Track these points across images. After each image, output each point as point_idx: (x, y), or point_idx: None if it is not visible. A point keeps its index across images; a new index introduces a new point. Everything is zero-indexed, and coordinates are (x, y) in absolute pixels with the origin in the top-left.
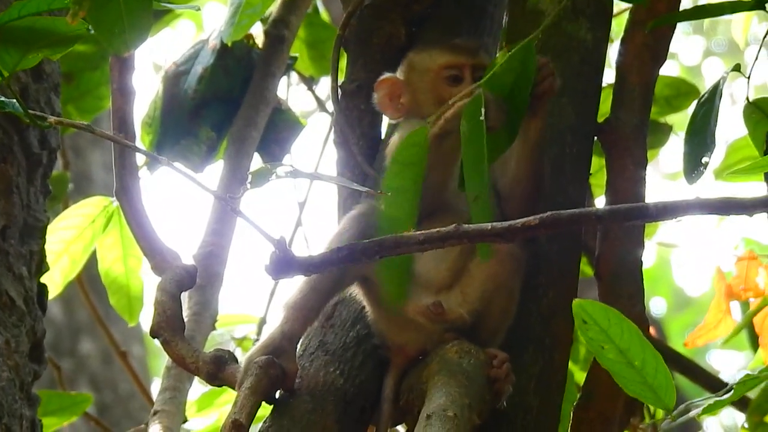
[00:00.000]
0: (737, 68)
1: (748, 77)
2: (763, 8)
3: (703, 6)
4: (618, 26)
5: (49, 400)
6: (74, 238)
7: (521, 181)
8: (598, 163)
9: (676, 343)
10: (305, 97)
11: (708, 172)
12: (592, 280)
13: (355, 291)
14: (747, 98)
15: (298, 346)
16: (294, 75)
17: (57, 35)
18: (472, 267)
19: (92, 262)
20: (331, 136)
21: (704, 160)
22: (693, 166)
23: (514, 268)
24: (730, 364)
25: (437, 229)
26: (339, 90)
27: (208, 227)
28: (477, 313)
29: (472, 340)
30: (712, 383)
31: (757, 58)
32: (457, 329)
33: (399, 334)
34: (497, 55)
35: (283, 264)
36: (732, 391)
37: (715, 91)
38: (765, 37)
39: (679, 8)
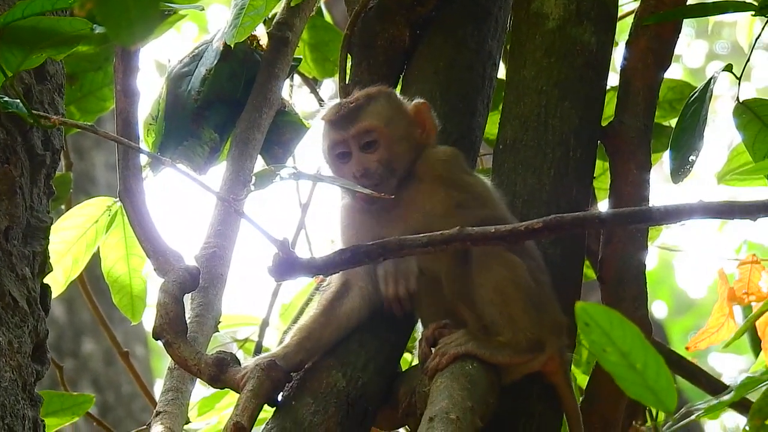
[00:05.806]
0: (729, 68)
1: (739, 78)
2: (767, 15)
3: (707, 3)
4: (622, 29)
5: (51, 400)
6: (77, 239)
7: None
8: (601, 167)
9: (678, 346)
10: (308, 99)
11: (707, 173)
12: (594, 283)
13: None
14: (737, 98)
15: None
16: (297, 77)
17: (61, 35)
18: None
19: (94, 262)
20: None
21: (691, 158)
22: (680, 164)
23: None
24: (731, 367)
25: (441, 231)
26: (343, 91)
27: (211, 229)
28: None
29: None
30: (713, 386)
31: (748, 60)
32: None
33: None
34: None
35: (286, 265)
36: (732, 393)
37: (705, 91)
38: (757, 38)
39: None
